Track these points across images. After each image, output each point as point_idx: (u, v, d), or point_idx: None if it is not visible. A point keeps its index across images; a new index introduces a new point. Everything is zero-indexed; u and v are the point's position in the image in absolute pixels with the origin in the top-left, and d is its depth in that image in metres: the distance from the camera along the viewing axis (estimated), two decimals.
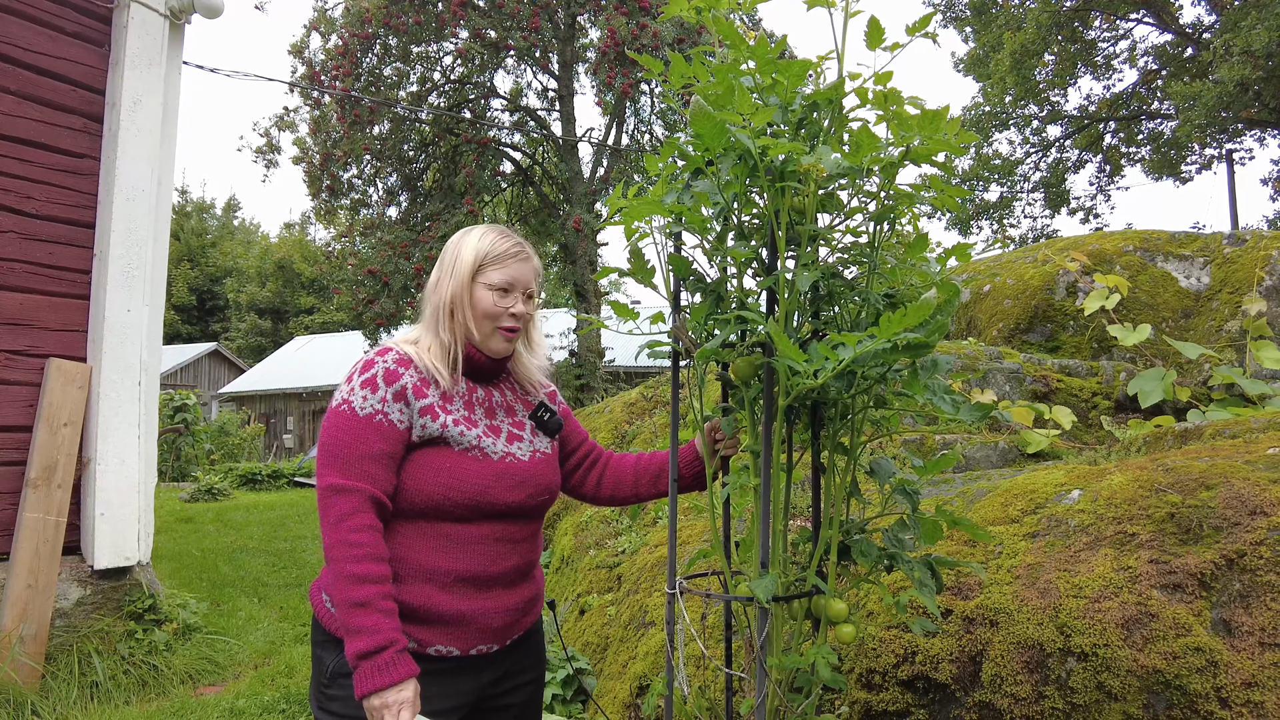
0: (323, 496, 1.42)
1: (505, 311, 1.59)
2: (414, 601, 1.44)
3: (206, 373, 30.43)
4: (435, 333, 1.58)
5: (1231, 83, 14.09)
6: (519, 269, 1.62)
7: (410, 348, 1.56)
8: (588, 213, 12.96)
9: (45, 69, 3.98)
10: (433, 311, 1.59)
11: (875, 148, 1.36)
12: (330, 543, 1.39)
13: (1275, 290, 3.91)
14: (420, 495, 1.46)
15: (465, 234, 1.65)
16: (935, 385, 1.37)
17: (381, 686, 1.31)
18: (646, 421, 5.15)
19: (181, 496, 11.49)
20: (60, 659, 3.71)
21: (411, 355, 1.53)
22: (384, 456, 1.45)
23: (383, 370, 1.49)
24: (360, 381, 1.48)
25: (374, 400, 1.46)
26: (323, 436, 1.48)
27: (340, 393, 1.50)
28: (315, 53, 13.67)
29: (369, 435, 1.44)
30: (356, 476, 1.42)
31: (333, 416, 1.48)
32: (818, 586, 1.49)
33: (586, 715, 2.79)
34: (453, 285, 1.59)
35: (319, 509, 1.45)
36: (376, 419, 1.45)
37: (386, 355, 1.53)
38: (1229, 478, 1.90)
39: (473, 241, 1.61)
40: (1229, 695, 1.58)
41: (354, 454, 1.43)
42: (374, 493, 1.42)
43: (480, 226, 1.66)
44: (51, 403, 3.85)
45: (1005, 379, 3.65)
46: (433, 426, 1.49)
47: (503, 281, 1.60)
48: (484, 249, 1.60)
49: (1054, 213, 20.87)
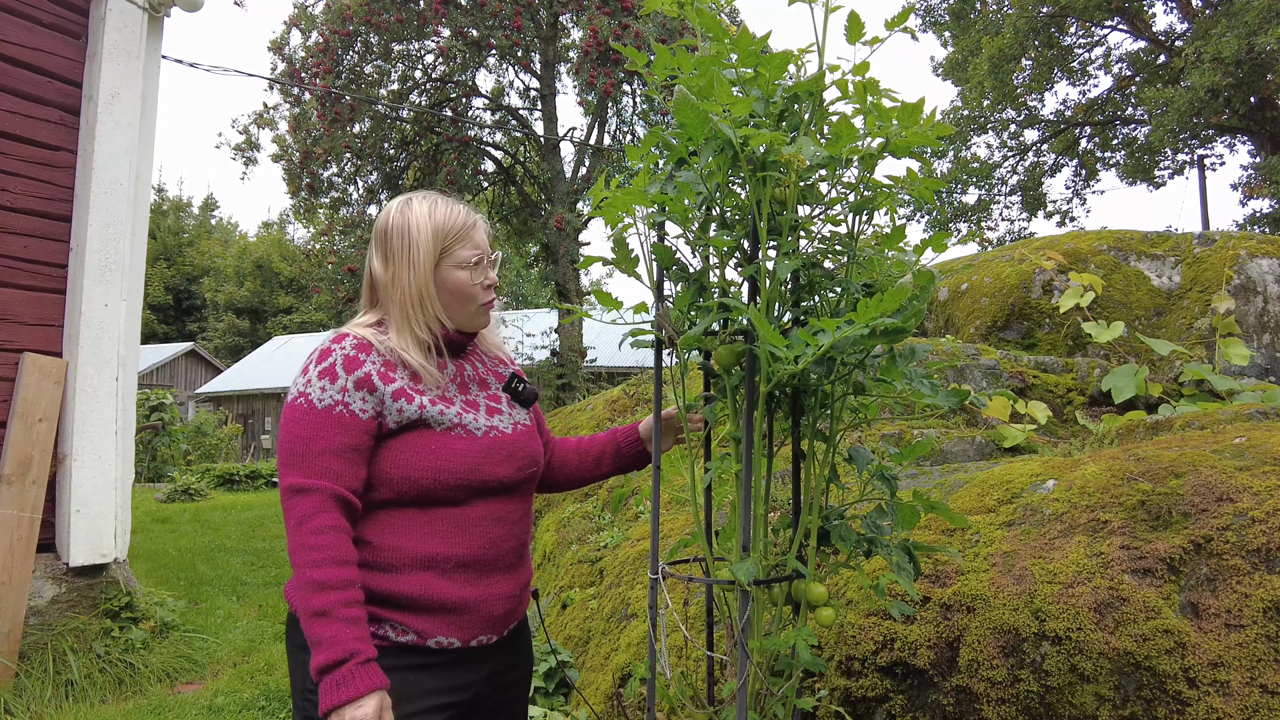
0: (284, 498, 1.33)
1: (482, 286, 1.51)
2: (412, 591, 1.36)
3: (183, 373, 30.07)
4: (408, 329, 1.46)
5: (1202, 89, 14.35)
6: (480, 235, 1.52)
7: (369, 332, 1.44)
8: (570, 212, 12.96)
9: (21, 60, 3.93)
10: (399, 308, 1.46)
11: (854, 138, 1.38)
12: (292, 547, 1.30)
13: (1243, 289, 4.00)
14: (409, 482, 1.38)
15: (405, 209, 1.49)
16: (913, 371, 1.40)
17: (339, 703, 1.22)
18: (629, 419, 5.17)
19: (158, 497, 11.35)
20: (35, 657, 3.66)
21: (371, 339, 1.42)
22: (347, 450, 1.35)
23: (341, 358, 1.38)
24: (318, 372, 1.37)
25: (333, 391, 1.36)
26: (281, 434, 1.37)
27: (296, 385, 1.39)
28: (295, 49, 13.56)
29: (328, 429, 1.34)
30: (317, 474, 1.32)
31: (289, 412, 1.37)
32: (798, 571, 1.52)
33: (569, 707, 2.80)
34: (416, 276, 1.46)
35: (283, 512, 1.34)
36: (336, 410, 1.35)
37: (344, 341, 1.41)
38: (1197, 466, 1.95)
39: (423, 219, 1.47)
40: (1196, 675, 1.63)
41: (313, 450, 1.33)
42: (337, 490, 1.32)
43: (416, 197, 1.52)
44: (26, 398, 3.80)
45: (982, 375, 3.70)
46: (410, 410, 1.39)
47: (473, 255, 1.50)
48: (442, 226, 1.48)
49: (1031, 216, 21.14)
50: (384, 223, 1.50)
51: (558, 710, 2.73)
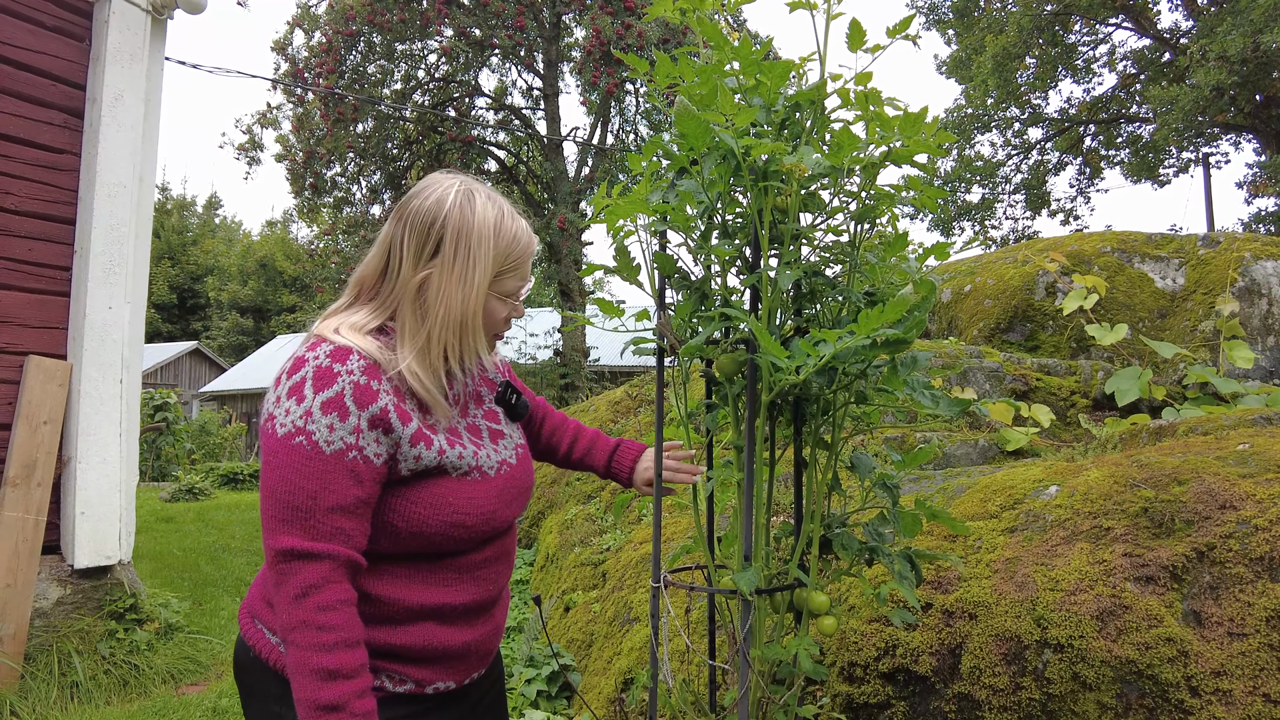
0: (277, 562, 1.08)
1: (508, 320, 1.30)
2: (414, 643, 1.20)
3: (187, 372, 30.14)
4: (428, 356, 1.20)
5: (1207, 87, 14.31)
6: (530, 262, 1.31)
7: (369, 345, 1.16)
8: (573, 212, 12.96)
9: (24, 63, 3.94)
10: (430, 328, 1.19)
11: (856, 147, 1.38)
12: (290, 622, 1.07)
13: (1248, 291, 3.98)
14: (418, 538, 1.18)
15: (468, 206, 1.21)
16: (914, 381, 1.40)
17: None
18: (631, 420, 5.17)
19: (162, 496, 11.38)
20: (40, 659, 3.68)
21: (378, 358, 1.15)
22: (360, 505, 1.11)
23: (351, 387, 1.11)
24: (320, 403, 1.09)
25: (343, 431, 1.09)
26: (272, 479, 1.09)
27: (289, 415, 1.10)
28: (298, 50, 13.58)
29: (339, 480, 1.09)
30: (326, 537, 1.08)
31: (285, 451, 1.08)
32: (799, 579, 1.52)
33: (571, 711, 2.81)
34: (466, 296, 1.20)
35: (270, 574, 1.10)
36: (349, 456, 1.10)
37: (348, 361, 1.13)
38: (1200, 473, 1.95)
39: (487, 227, 1.21)
40: (1199, 684, 1.63)
41: (320, 506, 1.08)
42: (349, 555, 1.10)
43: (480, 192, 1.24)
44: (31, 400, 3.82)
45: (985, 378, 3.70)
46: (428, 456, 1.17)
47: (519, 288, 1.29)
48: (508, 245, 1.24)
49: (1035, 214, 21.10)
50: (435, 212, 1.21)
51: (560, 714, 2.73)
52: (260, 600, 1.26)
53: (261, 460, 1.12)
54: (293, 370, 1.14)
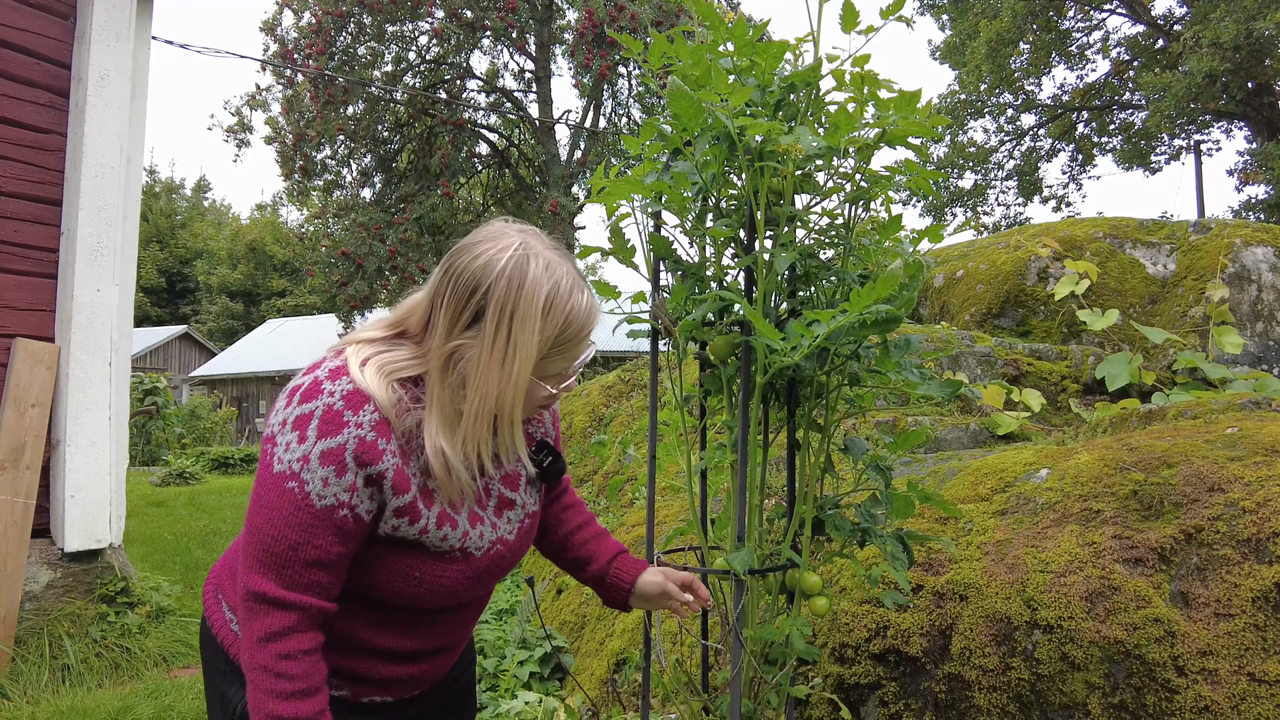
0: (246, 600, 1.04)
1: (552, 397, 1.16)
2: (360, 670, 1.16)
3: (177, 356, 29.98)
4: (460, 440, 1.09)
5: (1200, 74, 14.32)
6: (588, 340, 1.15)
7: (387, 396, 1.06)
8: (565, 196, 12.90)
9: (7, 41, 3.88)
10: (464, 408, 1.08)
11: (853, 128, 1.38)
12: (251, 662, 1.04)
13: (1238, 277, 4.01)
14: (378, 595, 1.12)
15: (524, 269, 1.06)
16: (906, 362, 1.40)
17: None
18: (624, 405, 5.17)
19: (152, 480, 11.34)
20: (30, 642, 3.67)
21: (390, 416, 1.06)
22: (340, 560, 1.06)
23: (355, 443, 1.03)
24: (320, 451, 1.02)
25: (338, 487, 1.02)
26: (257, 517, 1.04)
27: (288, 452, 1.02)
28: (288, 30, 13.43)
29: (324, 535, 1.03)
30: (300, 588, 1.03)
31: (275, 493, 1.03)
32: (792, 560, 1.53)
33: (564, 692, 2.82)
34: (506, 382, 1.06)
35: (239, 605, 1.06)
36: (339, 514, 1.03)
37: (361, 412, 1.04)
38: (1189, 456, 1.96)
39: (539, 301, 1.05)
40: (1185, 664, 1.65)
41: (300, 558, 1.02)
42: (320, 607, 1.05)
43: (541, 254, 1.08)
44: (18, 383, 3.79)
45: (977, 362, 3.71)
46: (408, 531, 1.09)
47: (570, 367, 1.14)
48: (561, 326, 1.08)
49: (1027, 201, 21.13)
50: (480, 278, 1.06)
51: (553, 695, 2.75)
52: (226, 573, 1.22)
53: (254, 484, 1.07)
54: (305, 396, 1.05)
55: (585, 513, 1.47)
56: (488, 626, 3.33)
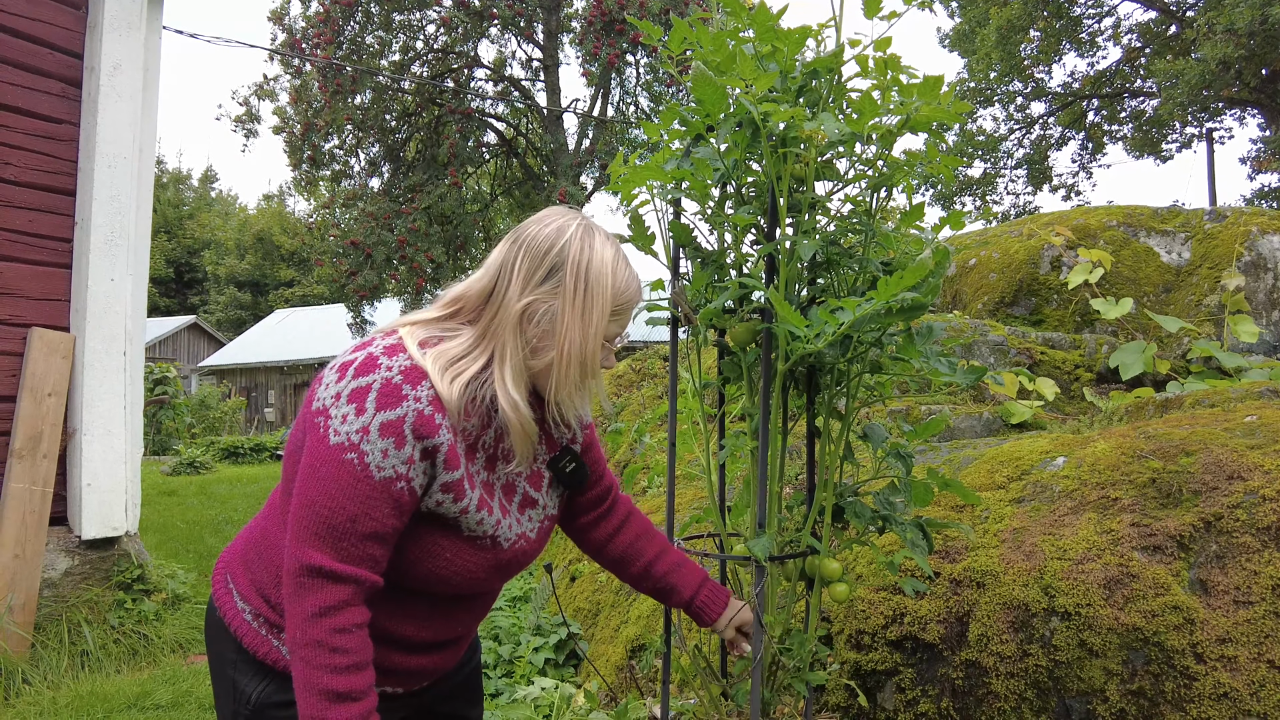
0: (298, 574, 1.03)
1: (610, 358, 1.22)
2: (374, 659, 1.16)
3: (185, 346, 30.12)
4: (519, 379, 1.13)
5: (1213, 61, 14.17)
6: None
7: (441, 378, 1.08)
8: (573, 185, 12.87)
9: (21, 31, 3.89)
10: (562, 359, 1.12)
11: (876, 114, 1.37)
12: (301, 638, 1.03)
13: (1253, 266, 3.98)
14: (402, 574, 1.13)
15: (588, 242, 1.15)
16: (930, 350, 1.40)
17: None
18: (635, 394, 5.18)
19: (163, 470, 11.42)
20: (50, 629, 3.71)
21: (442, 391, 1.07)
22: (394, 534, 1.08)
23: (414, 416, 1.04)
24: (380, 423, 1.03)
25: (397, 460, 1.04)
26: (312, 490, 1.04)
27: (346, 424, 1.03)
28: (295, 20, 13.40)
29: (382, 508, 1.04)
30: (355, 561, 1.04)
31: (333, 465, 1.03)
32: (812, 547, 1.53)
33: (579, 678, 2.84)
34: (587, 335, 1.12)
35: (285, 585, 1.05)
36: (398, 486, 1.04)
37: (419, 386, 1.06)
38: (1208, 444, 1.96)
39: (605, 269, 1.14)
40: (1204, 651, 1.65)
41: (358, 530, 1.03)
42: (373, 581, 1.07)
43: (599, 233, 1.18)
44: (35, 372, 3.81)
45: (990, 351, 3.70)
46: (451, 508, 1.11)
47: (618, 334, 1.21)
48: (622, 289, 1.17)
49: (1036, 190, 20.98)
50: (555, 239, 1.14)
51: (568, 681, 2.77)
52: (239, 562, 1.22)
53: (304, 459, 1.06)
54: (361, 370, 1.06)
55: (630, 522, 1.45)
56: (502, 613, 3.35)
